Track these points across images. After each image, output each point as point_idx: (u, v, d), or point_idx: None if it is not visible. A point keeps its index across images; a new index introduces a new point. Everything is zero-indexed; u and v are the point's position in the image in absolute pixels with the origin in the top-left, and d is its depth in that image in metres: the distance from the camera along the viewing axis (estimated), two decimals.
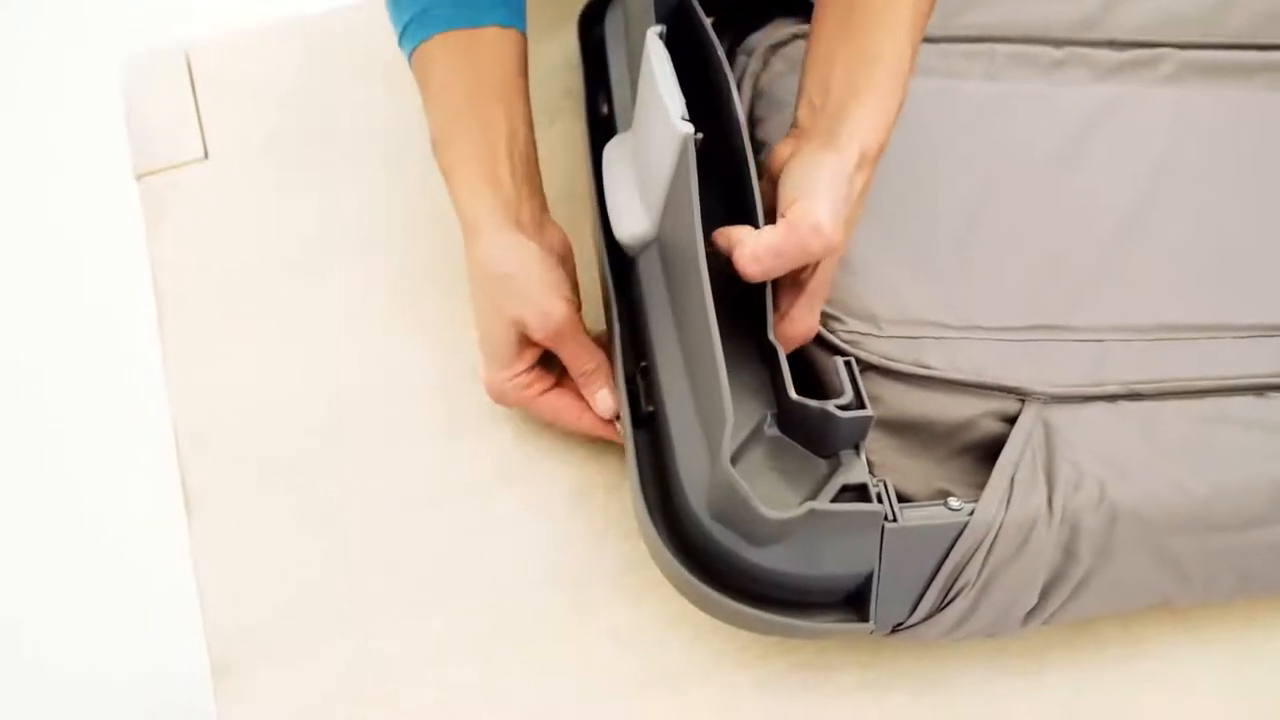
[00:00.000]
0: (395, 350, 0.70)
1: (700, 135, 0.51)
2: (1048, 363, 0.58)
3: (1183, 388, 0.58)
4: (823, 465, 0.51)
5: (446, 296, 0.71)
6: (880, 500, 0.49)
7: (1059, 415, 0.55)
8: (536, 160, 0.64)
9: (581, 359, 0.60)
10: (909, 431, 0.56)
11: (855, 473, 0.50)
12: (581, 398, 0.63)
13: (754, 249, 0.51)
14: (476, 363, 0.65)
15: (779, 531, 0.48)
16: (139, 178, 0.76)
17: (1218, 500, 0.54)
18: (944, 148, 0.66)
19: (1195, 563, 0.55)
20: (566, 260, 0.63)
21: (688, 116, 0.51)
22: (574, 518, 0.65)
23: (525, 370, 0.62)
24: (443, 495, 0.66)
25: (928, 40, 0.69)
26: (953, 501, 0.51)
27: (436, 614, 0.62)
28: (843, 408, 0.49)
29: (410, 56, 0.65)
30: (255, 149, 0.78)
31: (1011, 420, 0.55)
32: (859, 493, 0.50)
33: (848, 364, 0.51)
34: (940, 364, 0.56)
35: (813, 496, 0.49)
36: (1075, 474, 0.53)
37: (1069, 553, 0.52)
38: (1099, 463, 0.53)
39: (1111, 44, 0.72)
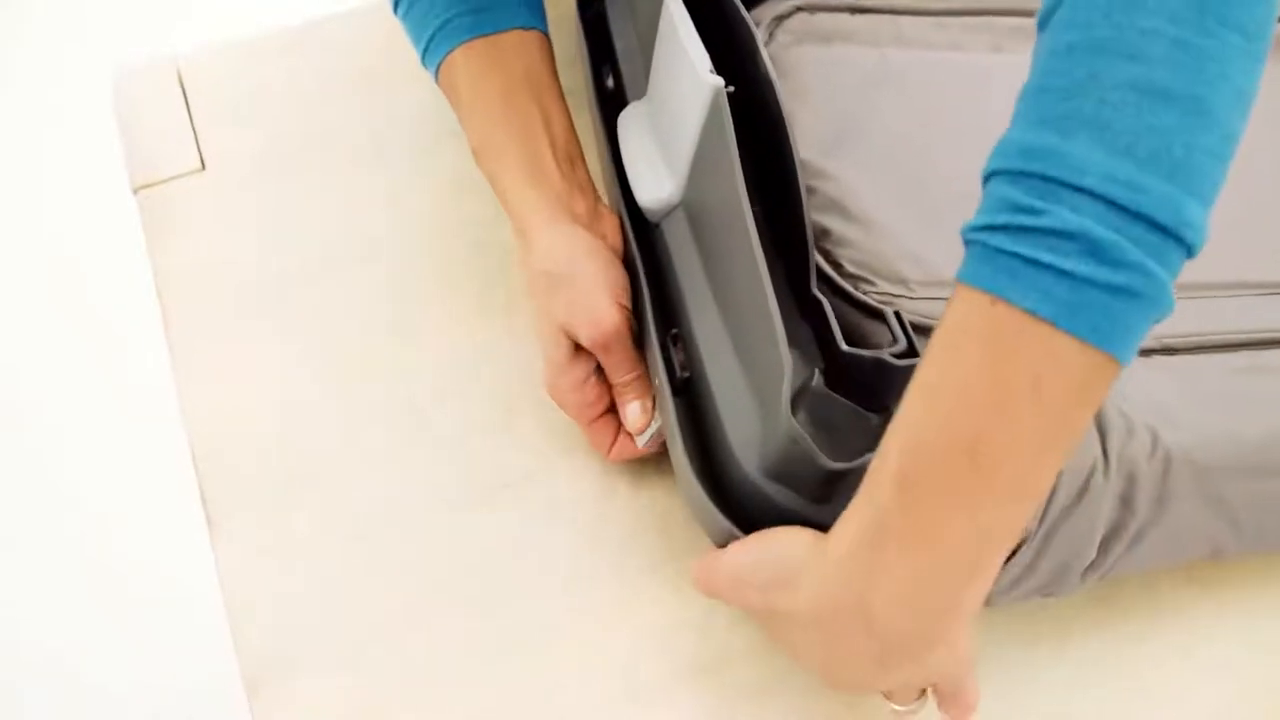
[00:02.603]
0: (407, 355, 0.69)
1: (731, 88, 0.50)
2: None
3: (1214, 341, 0.57)
4: (874, 420, 0.50)
5: (455, 298, 0.71)
6: None
7: None
8: (582, 155, 0.64)
9: (622, 369, 0.59)
10: None
11: None
12: (617, 427, 0.62)
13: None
14: (486, 369, 0.66)
15: (840, 485, 0.47)
16: (136, 191, 0.75)
17: (1268, 445, 0.53)
18: (951, 116, 0.65)
19: (1247, 510, 0.55)
20: (619, 253, 0.62)
21: (715, 71, 0.51)
22: (603, 514, 0.65)
23: (584, 380, 0.60)
24: (466, 498, 0.65)
25: (923, 14, 0.69)
26: None
27: (469, 617, 0.61)
28: (897, 356, 0.48)
29: (437, 71, 0.64)
30: (252, 159, 0.77)
31: None
32: None
33: (897, 314, 0.50)
34: None
35: (868, 451, 0.48)
36: (1125, 422, 0.52)
37: (1126, 503, 0.52)
38: (1148, 411, 0.53)
39: None
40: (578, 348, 0.60)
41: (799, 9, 0.66)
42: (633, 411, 0.60)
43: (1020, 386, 0.39)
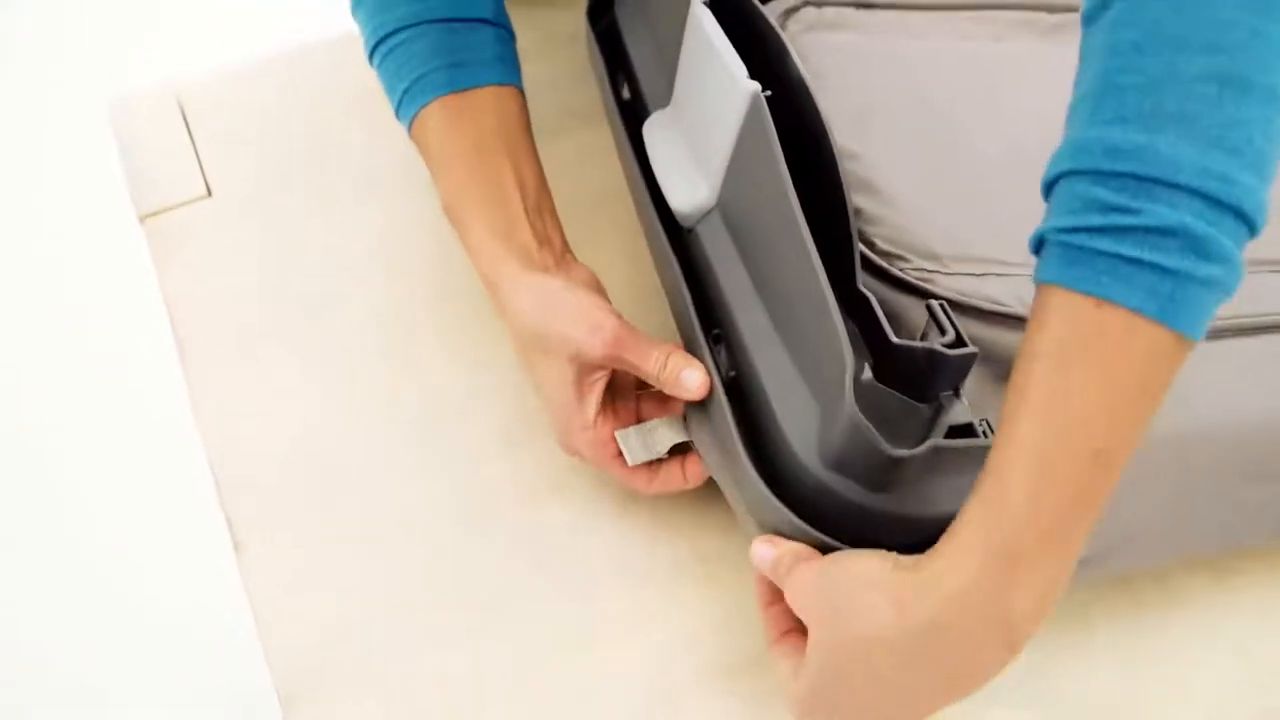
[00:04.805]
0: (424, 370, 0.70)
1: (769, 92, 0.51)
2: None
3: (1239, 325, 0.57)
4: (924, 410, 0.50)
5: (468, 313, 0.71)
6: (987, 435, 0.49)
7: None
8: (554, 210, 0.64)
9: (650, 356, 0.57)
10: (986, 368, 0.55)
11: (959, 413, 0.49)
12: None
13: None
14: (499, 380, 0.66)
15: (900, 472, 0.47)
16: (143, 220, 0.74)
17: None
18: (965, 100, 0.66)
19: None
20: (597, 292, 0.61)
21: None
22: (627, 523, 0.65)
23: (595, 420, 0.59)
24: (492, 510, 0.65)
25: (930, 9, 0.70)
26: None
27: (501, 628, 0.61)
28: (947, 347, 0.48)
29: (410, 125, 0.64)
30: (257, 184, 0.77)
31: None
32: (965, 432, 0.49)
33: (942, 305, 0.50)
34: (1009, 300, 0.55)
35: (921, 442, 0.48)
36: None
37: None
38: (1172, 396, 0.53)
39: None
40: (584, 379, 0.58)
41: (808, 2, 0.67)
42: (689, 378, 0.56)
43: (1131, 387, 0.40)
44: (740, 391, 0.56)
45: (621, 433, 0.59)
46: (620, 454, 0.60)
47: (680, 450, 0.60)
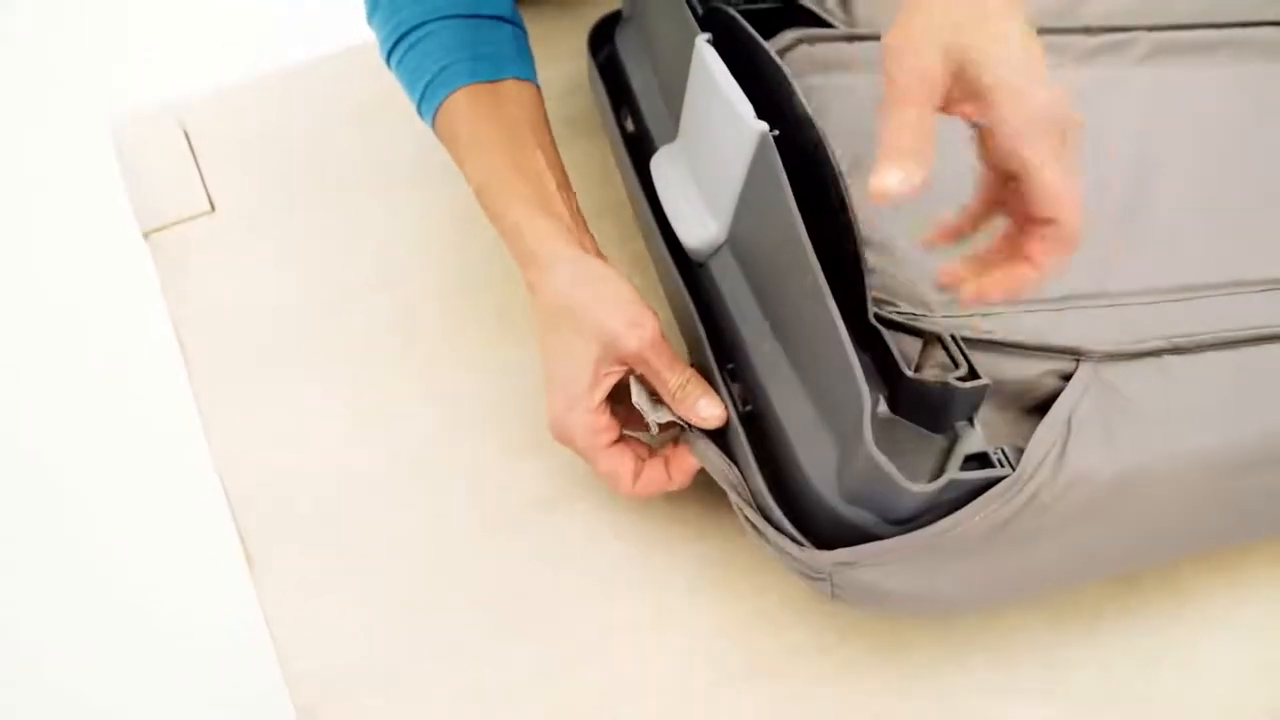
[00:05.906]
0: (434, 380, 0.70)
1: (776, 131, 0.52)
2: (1092, 326, 0.59)
3: (1218, 339, 0.59)
4: (939, 440, 0.51)
5: (476, 320, 0.72)
6: (1003, 464, 0.50)
7: (1113, 372, 0.57)
8: (577, 203, 0.64)
9: (673, 373, 0.57)
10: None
11: (974, 442, 0.51)
12: (639, 459, 0.60)
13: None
14: (511, 386, 0.66)
15: (918, 505, 0.48)
16: (147, 236, 0.75)
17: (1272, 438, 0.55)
18: (948, 134, 0.68)
19: (1260, 502, 0.57)
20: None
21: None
22: (643, 528, 0.65)
23: (599, 406, 0.58)
24: (507, 519, 0.65)
25: None
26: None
27: (516, 635, 0.62)
28: (960, 379, 0.50)
29: (435, 115, 0.64)
30: (260, 198, 0.78)
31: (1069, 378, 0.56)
32: (981, 461, 0.50)
33: (954, 338, 0.52)
34: (1000, 331, 0.57)
35: (937, 471, 0.49)
36: (1141, 425, 0.54)
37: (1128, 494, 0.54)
38: (1161, 413, 0.55)
39: (1086, 30, 0.75)
40: (601, 369, 0.58)
41: (800, 41, 0.68)
42: (704, 407, 0.57)
43: None
44: (756, 425, 0.57)
45: (635, 382, 0.59)
46: (609, 446, 0.59)
47: (668, 426, 0.60)
